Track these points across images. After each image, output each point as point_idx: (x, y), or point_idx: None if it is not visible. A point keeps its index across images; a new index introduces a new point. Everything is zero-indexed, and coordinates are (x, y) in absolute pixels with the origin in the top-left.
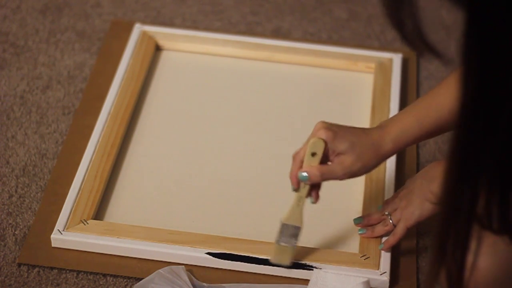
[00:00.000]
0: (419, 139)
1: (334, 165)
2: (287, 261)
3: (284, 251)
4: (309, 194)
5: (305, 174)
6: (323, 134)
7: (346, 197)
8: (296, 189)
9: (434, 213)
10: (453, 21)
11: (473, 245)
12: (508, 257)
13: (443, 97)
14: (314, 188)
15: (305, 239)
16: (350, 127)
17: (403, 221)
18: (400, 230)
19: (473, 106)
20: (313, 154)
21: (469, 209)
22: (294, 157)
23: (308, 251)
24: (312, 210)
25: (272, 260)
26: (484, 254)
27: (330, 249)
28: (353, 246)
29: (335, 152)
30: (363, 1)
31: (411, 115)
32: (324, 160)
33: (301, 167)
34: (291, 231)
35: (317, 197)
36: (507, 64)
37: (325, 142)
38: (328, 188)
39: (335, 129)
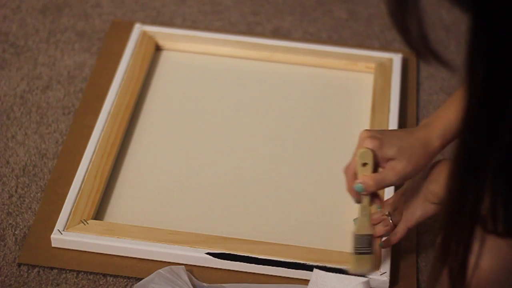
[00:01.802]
0: None
1: (386, 171)
2: (366, 269)
3: (363, 260)
4: (372, 202)
5: (359, 185)
6: (369, 143)
7: (346, 197)
8: (358, 200)
9: (435, 213)
10: (453, 21)
11: (475, 246)
12: (510, 257)
13: None
14: (375, 195)
15: (305, 239)
16: (394, 131)
17: (403, 221)
18: (401, 230)
19: (478, 110)
20: (364, 164)
21: (472, 210)
22: (346, 171)
23: (308, 251)
24: (312, 210)
25: (352, 271)
26: (487, 254)
27: (330, 249)
28: None
29: (385, 158)
30: (363, 1)
31: (452, 108)
32: (376, 168)
33: (355, 179)
34: (364, 240)
35: (381, 202)
36: (511, 69)
37: (373, 151)
38: (328, 188)
39: (379, 136)
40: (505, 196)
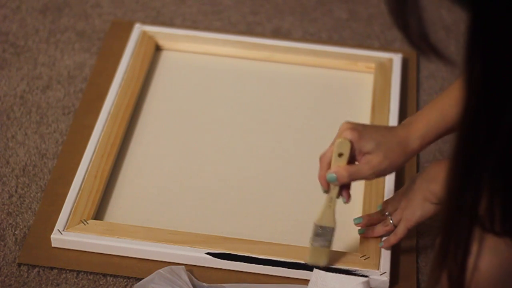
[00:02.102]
0: (443, 134)
1: (361, 164)
2: (323, 262)
3: (320, 252)
4: (339, 194)
5: (333, 175)
6: (348, 134)
7: None
8: (326, 190)
9: (435, 213)
10: (453, 21)
11: (474, 247)
12: (510, 258)
13: None
14: (344, 188)
15: (305, 239)
16: (376, 126)
17: (404, 221)
18: (401, 231)
19: (476, 109)
20: (340, 155)
21: (471, 211)
22: (321, 159)
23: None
24: (312, 210)
25: (308, 262)
26: (486, 255)
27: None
28: (353, 246)
29: (362, 152)
30: (363, 1)
31: (435, 109)
32: (351, 160)
33: (328, 168)
34: (324, 232)
35: (348, 196)
36: (509, 67)
37: (351, 142)
38: None
39: (360, 129)
40: (502, 195)
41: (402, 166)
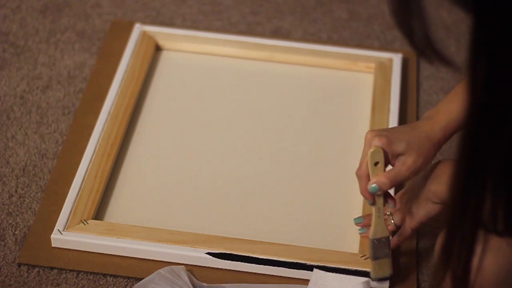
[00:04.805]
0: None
1: (398, 167)
2: (388, 273)
3: (382, 264)
4: (385, 202)
5: (374, 185)
6: (378, 142)
7: (346, 197)
8: (372, 203)
9: (438, 212)
10: (453, 21)
11: (478, 248)
12: None
13: None
14: (387, 195)
15: (305, 239)
16: (399, 127)
17: (407, 222)
18: (405, 231)
19: (480, 111)
20: (376, 164)
21: (475, 212)
22: (358, 174)
23: (308, 251)
24: (312, 210)
25: (374, 277)
26: (489, 256)
27: (330, 249)
28: (353, 246)
29: (395, 155)
30: (363, 1)
31: (454, 101)
32: (385, 166)
33: (368, 181)
34: (381, 243)
35: (394, 201)
36: None
37: (383, 149)
38: (328, 187)
39: (386, 134)
40: (506, 195)
41: (434, 158)
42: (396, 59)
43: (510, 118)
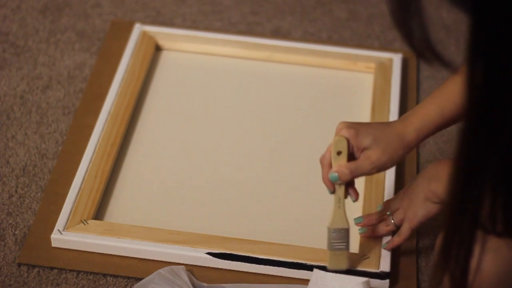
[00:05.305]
0: (441, 127)
1: (361, 160)
2: (344, 265)
3: (339, 256)
4: (347, 194)
5: (335, 174)
6: (345, 132)
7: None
8: (332, 191)
9: (437, 212)
10: (453, 21)
11: (477, 248)
12: (511, 258)
13: None
14: (350, 186)
15: (306, 239)
16: (372, 123)
17: (407, 221)
18: (404, 231)
19: (478, 111)
20: (339, 153)
21: (473, 213)
22: (322, 161)
23: (308, 251)
24: (312, 210)
25: (329, 267)
26: (488, 257)
27: None
28: (353, 246)
29: (360, 148)
30: (363, 1)
31: (433, 103)
32: (351, 158)
33: (330, 169)
34: (339, 234)
35: (356, 193)
36: (511, 69)
37: (348, 140)
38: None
39: (356, 126)
40: (505, 196)
41: (402, 160)
42: (396, 59)
43: (508, 118)
